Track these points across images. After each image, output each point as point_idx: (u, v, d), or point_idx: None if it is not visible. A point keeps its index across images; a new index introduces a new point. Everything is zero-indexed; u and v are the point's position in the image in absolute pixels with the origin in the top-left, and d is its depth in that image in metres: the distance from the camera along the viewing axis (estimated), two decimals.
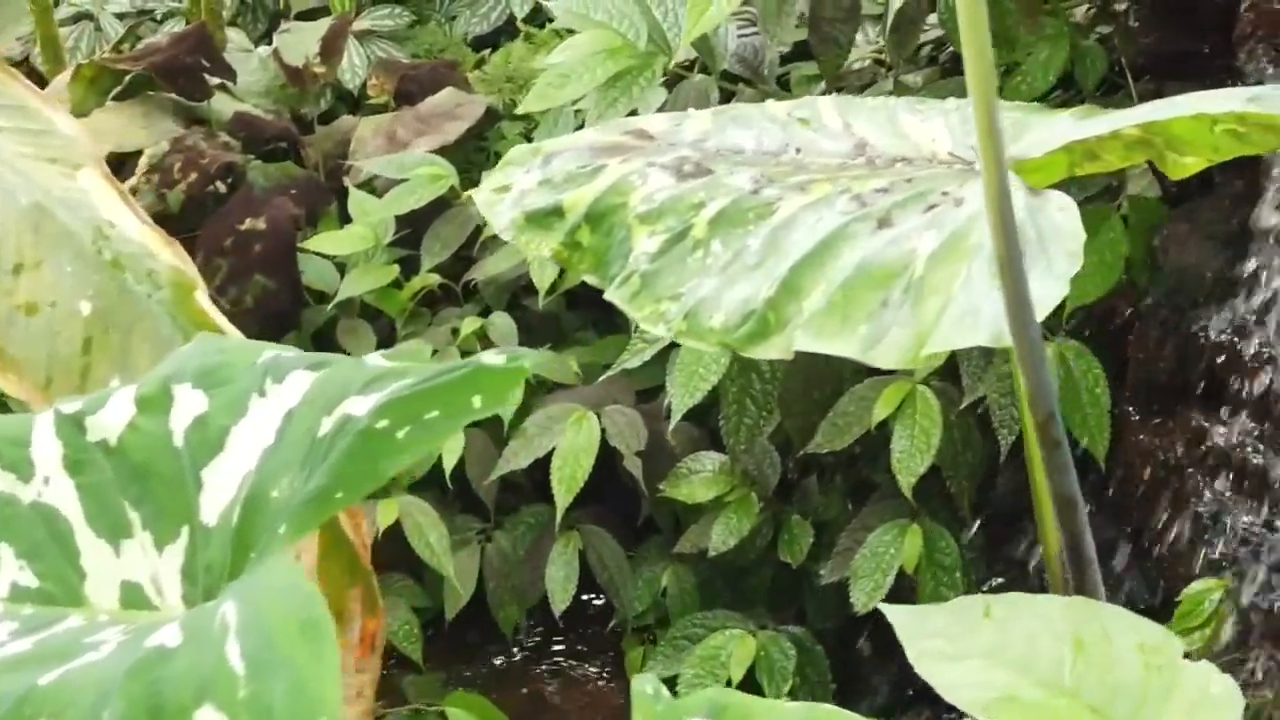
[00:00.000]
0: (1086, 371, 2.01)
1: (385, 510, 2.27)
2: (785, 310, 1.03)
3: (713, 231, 1.10)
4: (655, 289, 1.10)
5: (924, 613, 0.90)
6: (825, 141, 1.17)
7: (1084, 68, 2.01)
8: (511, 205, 1.23)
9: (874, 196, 1.07)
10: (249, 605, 0.72)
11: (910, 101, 1.21)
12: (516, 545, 2.40)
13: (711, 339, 1.06)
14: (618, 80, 2.04)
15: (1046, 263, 0.96)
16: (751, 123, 1.22)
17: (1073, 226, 0.98)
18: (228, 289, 2.55)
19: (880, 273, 1.01)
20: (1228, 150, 1.14)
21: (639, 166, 1.18)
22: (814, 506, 2.28)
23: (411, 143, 2.80)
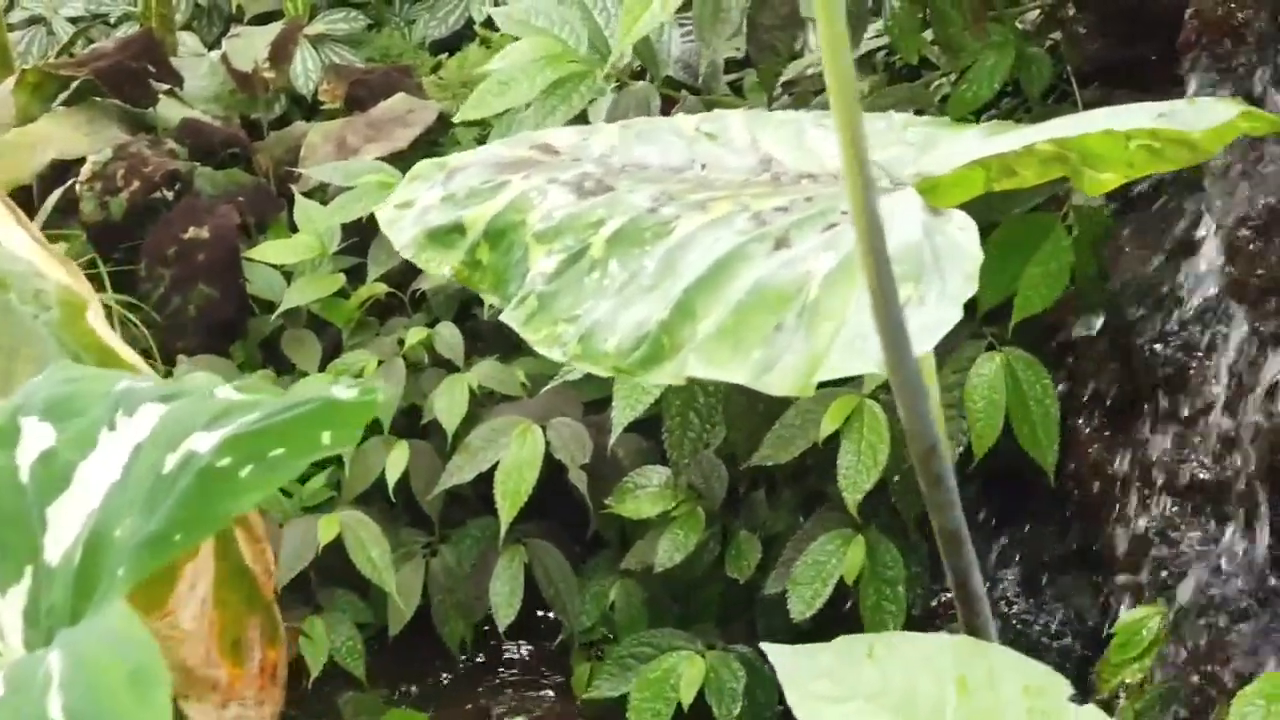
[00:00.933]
0: (1035, 382, 1.98)
1: (326, 525, 2.24)
2: (679, 334, 1.00)
3: (610, 251, 1.06)
4: (552, 311, 1.07)
5: (810, 652, 0.86)
6: (731, 157, 1.14)
7: (1030, 75, 1.98)
8: (413, 222, 1.19)
9: (773, 215, 1.03)
10: (74, 655, 0.69)
11: (818, 116, 1.17)
12: (462, 559, 2.36)
13: (606, 363, 1.02)
14: (558, 88, 2.00)
15: (941, 285, 0.92)
16: (658, 137, 1.18)
17: (970, 247, 0.94)
18: (171, 298, 2.51)
19: (775, 296, 0.97)
20: (1143, 166, 1.10)
21: (540, 183, 1.14)
22: (762, 520, 2.25)
23: (362, 149, 2.76)
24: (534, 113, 2.00)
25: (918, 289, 0.93)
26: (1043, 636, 2.01)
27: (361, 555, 2.23)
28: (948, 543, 0.84)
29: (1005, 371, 1.97)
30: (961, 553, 0.82)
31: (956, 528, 0.82)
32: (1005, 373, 1.97)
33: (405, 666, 2.36)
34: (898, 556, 2.07)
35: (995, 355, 1.98)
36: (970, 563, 0.83)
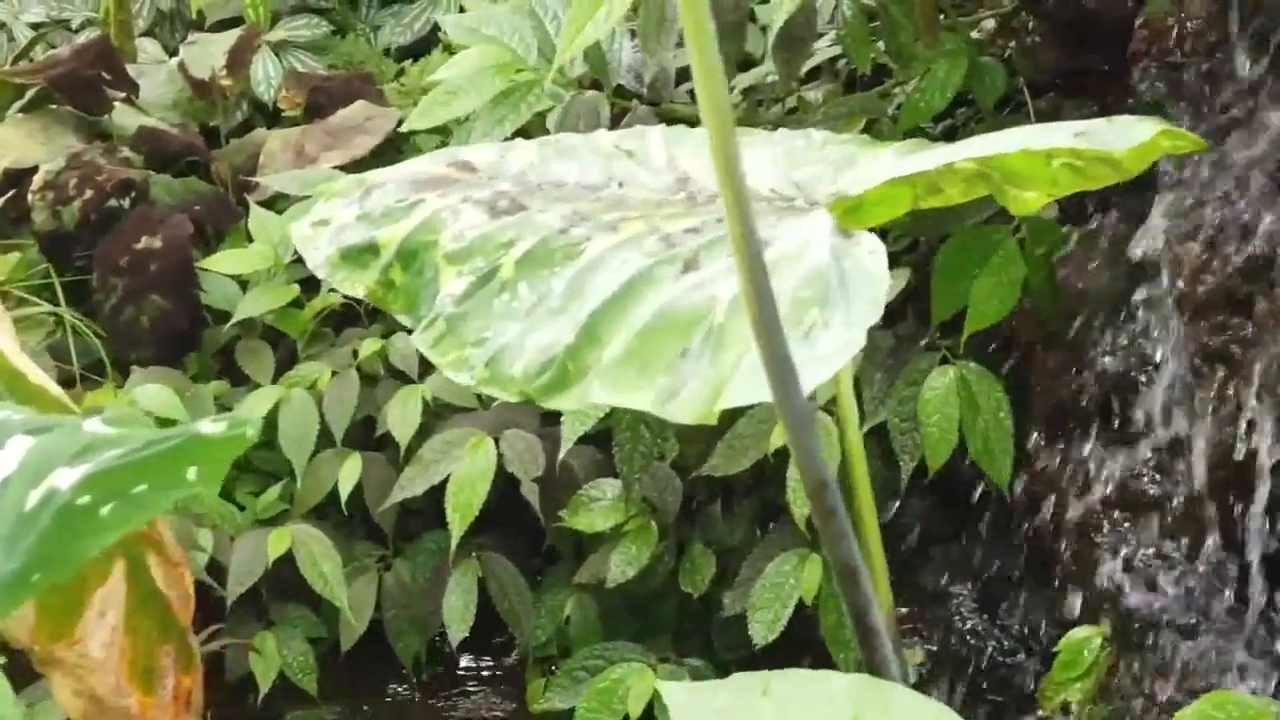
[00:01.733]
0: (989, 396, 1.95)
1: (276, 539, 2.21)
2: (585, 359, 0.97)
3: (520, 273, 1.04)
4: (460, 333, 1.04)
5: (707, 691, 0.84)
6: (648, 176, 1.11)
7: (982, 86, 1.95)
8: (329, 241, 1.17)
9: (684, 237, 1.01)
10: None
11: (742, 131, 1.15)
12: (417, 573, 2.33)
13: (513, 388, 1.00)
14: (506, 97, 1.98)
15: (847, 310, 0.90)
16: (576, 154, 1.16)
17: (878, 271, 0.92)
18: (123, 309, 2.48)
19: (681, 320, 0.95)
20: (1067, 184, 1.08)
21: (454, 202, 1.12)
22: (718, 534, 2.22)
23: (320, 157, 2.73)
24: (482, 122, 1.98)
25: (823, 314, 0.91)
26: (996, 654, 1.99)
27: (313, 570, 2.20)
28: (844, 577, 0.81)
29: (959, 385, 1.95)
30: (858, 588, 0.79)
31: (852, 562, 0.80)
32: (959, 386, 1.95)
33: (358, 682, 2.34)
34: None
35: (949, 369, 1.96)
36: (868, 599, 0.80)
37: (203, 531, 2.24)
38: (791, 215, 1.01)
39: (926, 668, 2.04)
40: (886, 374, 2.04)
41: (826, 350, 0.88)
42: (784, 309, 0.92)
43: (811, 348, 0.89)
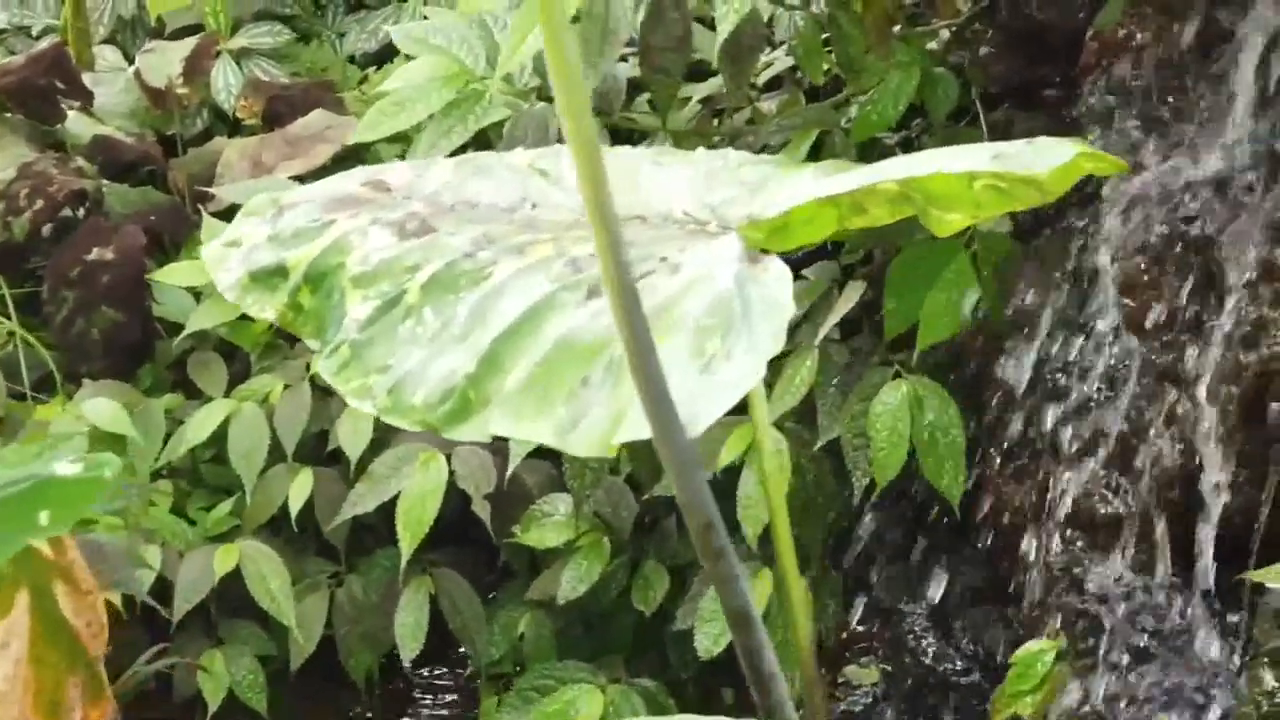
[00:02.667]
0: (942, 412, 1.92)
1: (223, 556, 2.18)
2: (486, 387, 0.94)
3: (425, 298, 1.01)
4: (365, 360, 1.01)
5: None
6: (561, 195, 1.08)
7: (935, 97, 1.93)
8: (240, 262, 1.13)
9: (590, 261, 0.98)
10: None
11: (658, 152, 1.12)
12: (369, 589, 2.30)
13: (414, 417, 0.97)
14: (455, 108, 1.95)
15: (750, 339, 0.87)
16: (492, 173, 1.13)
17: (783, 299, 0.89)
18: (75, 321, 2.45)
19: (584, 348, 0.92)
20: (991, 206, 1.05)
21: (363, 223, 1.08)
22: (673, 549, 2.19)
23: (278, 166, 2.70)
24: (429, 133, 1.95)
25: (725, 343, 0.88)
26: (951, 674, 1.96)
27: (260, 587, 2.17)
28: (736, 622, 0.78)
29: (911, 400, 1.92)
30: (750, 631, 0.77)
31: (743, 605, 0.77)
32: (911, 401, 1.92)
33: (309, 700, 2.31)
34: (806, 590, 2.02)
35: (901, 383, 1.93)
36: (761, 643, 0.78)
37: (151, 548, 2.21)
38: (702, 239, 0.98)
39: (880, 688, 2.01)
40: (840, 388, 2.02)
41: (727, 380, 0.85)
42: (687, 338, 0.89)
43: (712, 378, 0.86)
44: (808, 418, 2.06)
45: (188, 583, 2.18)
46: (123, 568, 1.98)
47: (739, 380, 0.86)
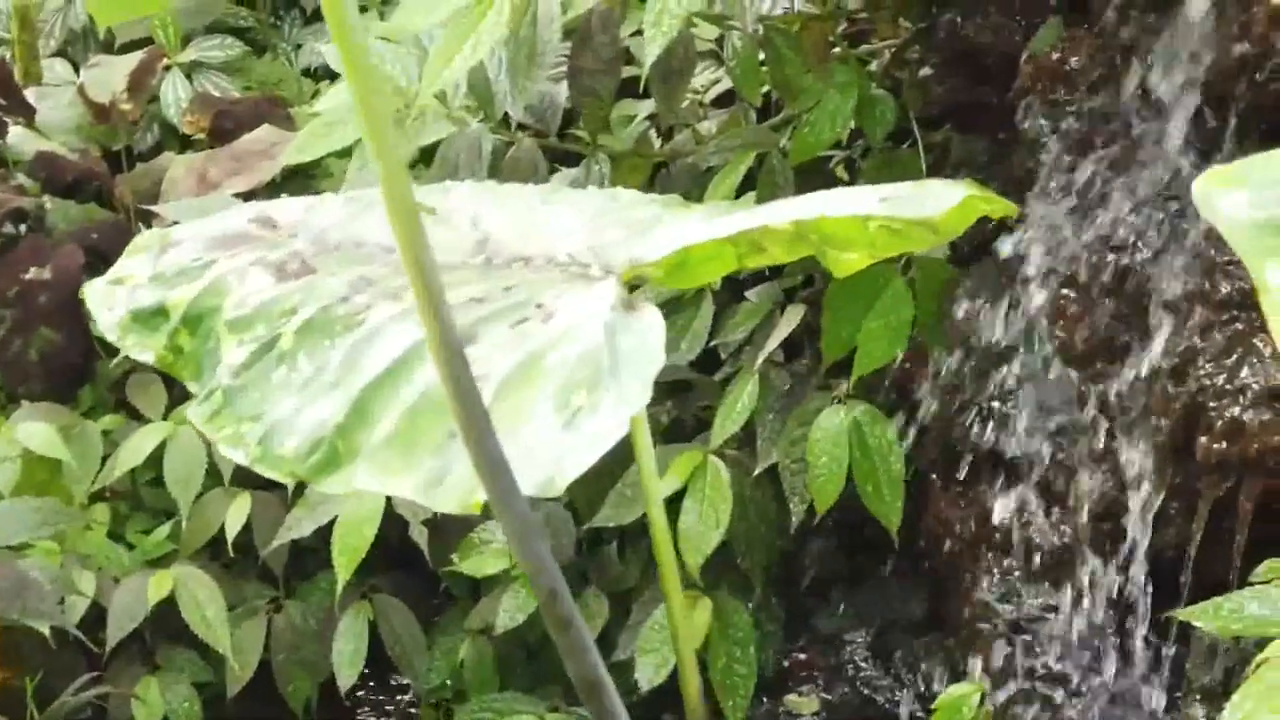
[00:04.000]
0: (880, 438, 1.90)
1: (157, 583, 2.14)
2: (354, 438, 0.91)
3: (300, 343, 0.98)
4: (237, 408, 0.98)
5: None
6: (448, 235, 1.05)
7: (872, 118, 1.90)
8: (123, 301, 1.10)
9: (466, 308, 0.94)
10: None
11: (548, 189, 1.08)
12: (308, 614, 2.27)
13: (284, 469, 0.94)
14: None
15: (618, 391, 0.84)
16: (380, 210, 1.10)
17: (654, 349, 0.86)
18: (12, 342, 2.41)
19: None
20: (886, 247, 1.03)
21: (243, 264, 1.05)
22: (614, 576, 2.16)
23: (224, 183, 2.67)
24: (360, 154, 1.92)
25: (591, 396, 0.85)
26: (889, 704, 1.93)
27: (195, 613, 2.13)
28: (587, 692, 0.75)
29: (849, 426, 1.89)
30: (603, 700, 0.74)
31: (595, 676, 0.74)
32: (849, 427, 1.89)
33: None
34: (747, 618, 1.99)
35: (840, 409, 1.90)
36: (615, 711, 0.75)
37: (85, 574, 2.18)
38: (581, 284, 0.95)
39: (820, 717, 1.98)
40: (780, 414, 1.99)
41: (591, 436, 0.82)
42: (553, 390, 0.86)
43: (576, 433, 0.83)
44: (750, 443, 2.03)
45: (121, 609, 2.15)
46: (47, 597, 1.94)
47: (604, 435, 0.82)
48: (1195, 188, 0.51)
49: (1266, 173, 0.51)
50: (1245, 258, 0.49)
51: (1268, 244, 0.49)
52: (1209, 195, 0.51)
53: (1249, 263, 0.49)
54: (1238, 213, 0.50)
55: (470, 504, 0.85)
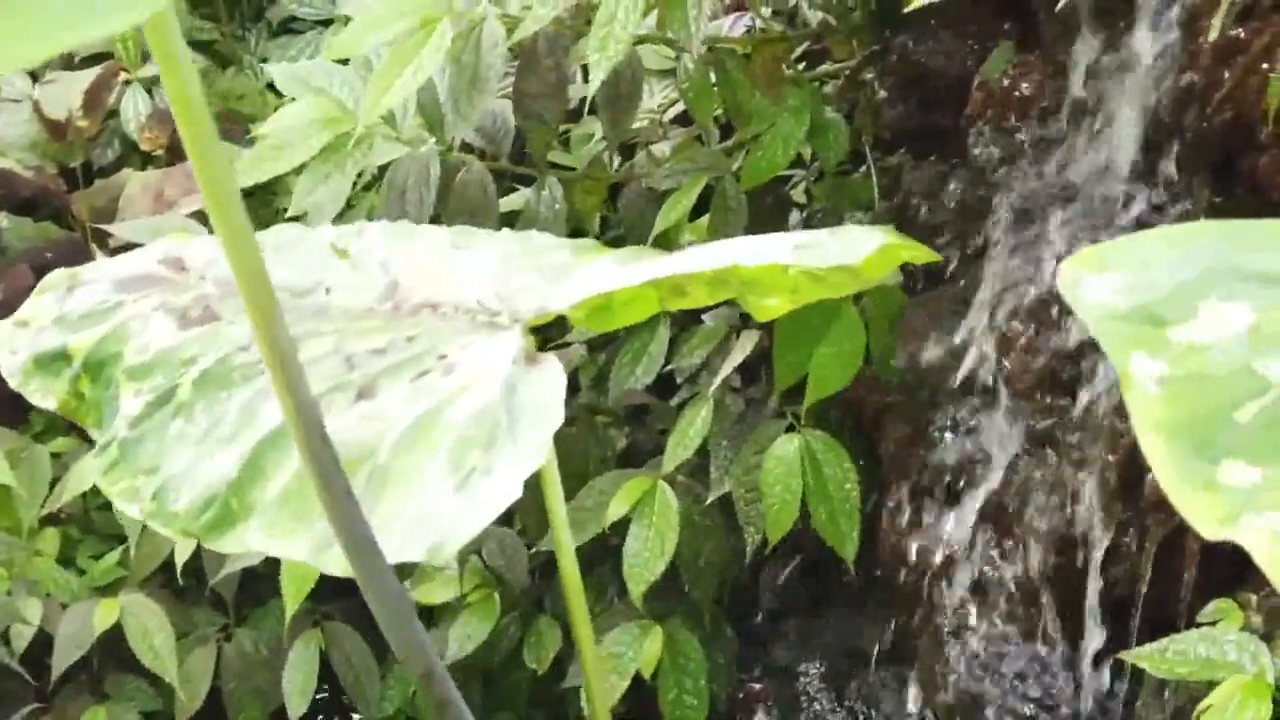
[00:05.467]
0: (835, 466, 1.87)
1: (104, 611, 2.11)
2: (248, 496, 0.88)
3: (197, 394, 0.95)
4: (133, 460, 0.95)
5: None
6: (359, 280, 1.02)
7: (825, 142, 1.87)
8: (27, 344, 1.07)
9: (367, 358, 0.92)
10: None
11: (463, 232, 1.05)
12: (259, 642, 2.24)
13: (177, 525, 0.91)
14: (333, 152, 1.89)
15: (513, 452, 0.81)
16: (294, 252, 1.07)
17: (552, 407, 0.83)
18: None
19: (346, 456, 0.85)
20: (808, 292, 1.00)
21: (146, 308, 1.02)
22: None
23: (180, 202, 2.63)
24: (305, 179, 1.89)
25: (486, 457, 0.82)
26: None
27: (142, 642, 2.10)
28: None
29: (804, 455, 1.86)
30: None
31: None
32: (804, 456, 1.86)
33: None
34: (698, 647, 1.96)
35: (794, 437, 1.87)
36: None
37: (31, 601, 2.15)
38: (485, 334, 0.92)
39: None
40: (734, 441, 1.96)
41: (483, 499, 0.79)
42: (447, 450, 0.83)
43: (469, 495, 0.80)
44: (704, 470, 2.00)
45: (67, 638, 2.11)
46: None
47: (496, 499, 0.79)
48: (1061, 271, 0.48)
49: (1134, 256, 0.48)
50: (1109, 349, 0.47)
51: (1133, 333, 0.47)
52: (1076, 279, 0.48)
53: (1112, 354, 0.46)
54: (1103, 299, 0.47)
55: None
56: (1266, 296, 0.47)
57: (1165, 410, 0.46)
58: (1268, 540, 0.42)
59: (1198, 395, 0.46)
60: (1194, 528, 0.44)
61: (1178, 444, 0.46)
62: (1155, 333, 0.47)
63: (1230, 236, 0.50)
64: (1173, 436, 0.46)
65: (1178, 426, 0.46)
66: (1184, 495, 0.45)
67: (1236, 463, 0.45)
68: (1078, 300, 0.48)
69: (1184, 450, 0.46)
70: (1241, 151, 1.36)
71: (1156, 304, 0.47)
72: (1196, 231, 0.50)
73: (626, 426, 2.20)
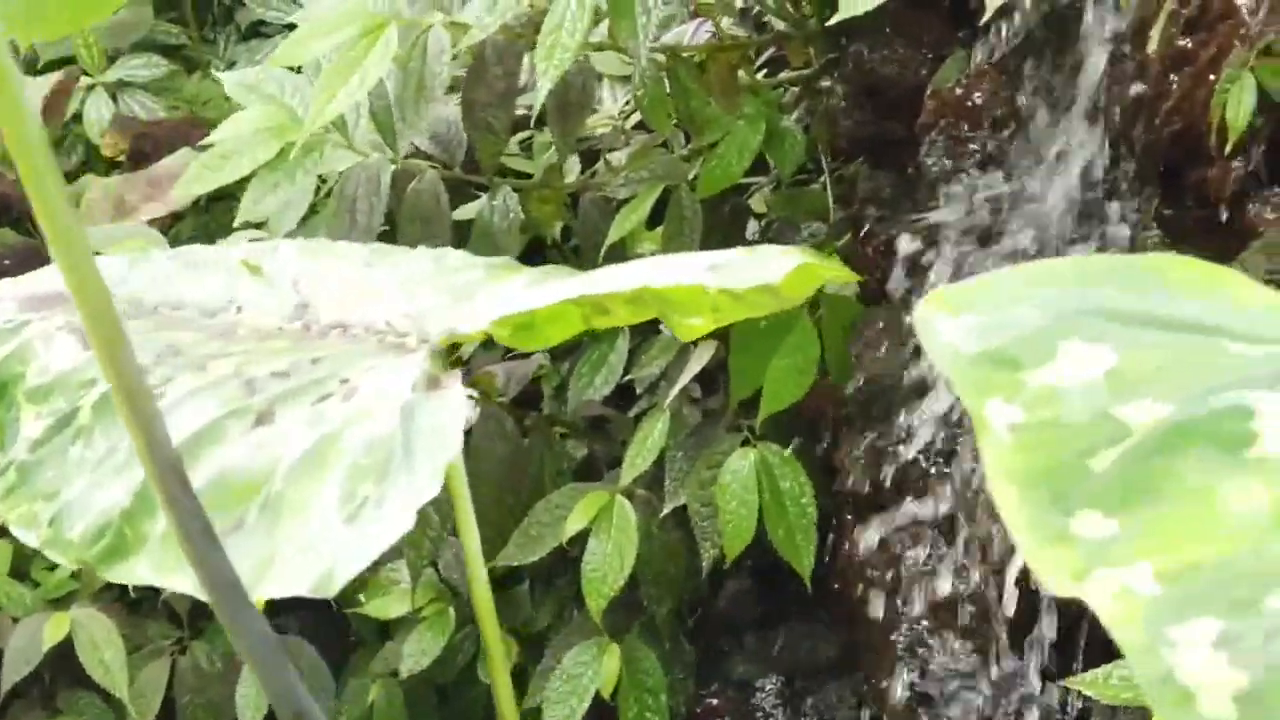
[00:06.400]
0: (792, 480, 1.84)
1: (54, 625, 2.08)
2: (142, 525, 0.85)
3: (97, 418, 0.92)
4: (32, 485, 0.92)
5: None
6: (269, 298, 1.00)
7: (781, 152, 1.84)
8: None
9: (268, 381, 0.89)
10: None
11: (378, 250, 1.03)
12: (213, 656, 2.21)
13: (72, 554, 0.88)
14: (280, 161, 1.86)
15: (407, 482, 0.79)
16: (207, 270, 1.04)
17: (450, 434, 0.80)
18: None
19: (240, 486, 0.83)
20: (730, 312, 0.97)
21: (51, 327, 1.00)
22: (525, 617, 2.11)
23: (140, 208, 2.61)
24: (253, 189, 1.86)
25: (379, 488, 0.79)
26: None
27: (93, 656, 2.07)
28: None
29: (760, 468, 1.84)
30: None
31: None
32: (760, 470, 1.84)
33: None
34: (656, 664, 1.94)
35: (750, 451, 1.84)
36: None
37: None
38: (390, 357, 0.89)
39: None
40: (689, 453, 1.93)
41: (373, 533, 0.77)
42: (339, 480, 0.80)
43: (358, 529, 0.77)
44: (661, 483, 1.98)
45: (17, 651, 2.09)
46: None
47: (386, 530, 0.77)
48: (917, 312, 0.46)
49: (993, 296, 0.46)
50: (963, 394, 0.44)
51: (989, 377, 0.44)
52: (930, 320, 0.45)
53: (967, 400, 0.44)
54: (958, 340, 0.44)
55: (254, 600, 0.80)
56: (1128, 337, 0.44)
57: (1019, 458, 0.43)
58: (1111, 597, 0.40)
59: (1054, 443, 0.44)
60: (1045, 585, 0.42)
61: (1031, 494, 0.43)
62: (1012, 376, 0.44)
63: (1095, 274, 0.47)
64: (1026, 486, 0.43)
65: (1032, 476, 0.43)
66: (1033, 550, 0.42)
67: (1092, 514, 0.43)
68: (932, 342, 0.45)
69: (1038, 501, 0.43)
70: (1190, 163, 1.34)
71: (1014, 346, 0.45)
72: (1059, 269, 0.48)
73: (586, 438, 2.18)
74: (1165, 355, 0.44)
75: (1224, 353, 0.44)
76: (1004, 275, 0.48)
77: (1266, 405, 0.44)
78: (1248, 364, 0.44)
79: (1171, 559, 0.42)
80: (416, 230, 1.90)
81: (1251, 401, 0.44)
